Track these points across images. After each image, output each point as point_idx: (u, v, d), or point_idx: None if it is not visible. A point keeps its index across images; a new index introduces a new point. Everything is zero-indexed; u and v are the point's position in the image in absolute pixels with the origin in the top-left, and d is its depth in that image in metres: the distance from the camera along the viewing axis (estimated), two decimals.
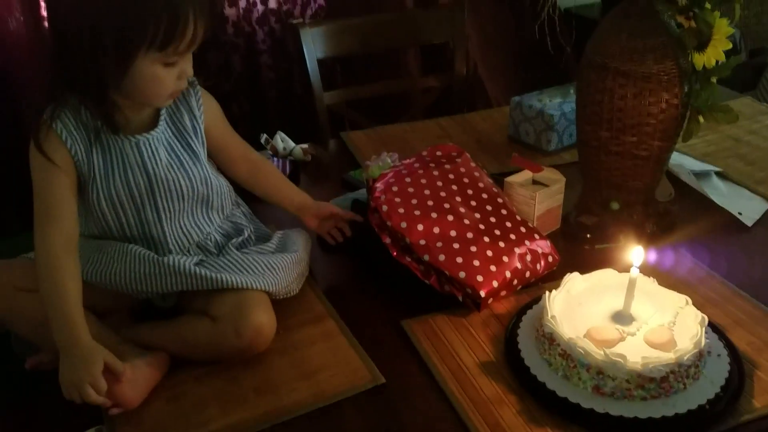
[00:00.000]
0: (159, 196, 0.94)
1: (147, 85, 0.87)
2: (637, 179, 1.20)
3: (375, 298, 1.07)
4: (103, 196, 0.91)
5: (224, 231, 1.02)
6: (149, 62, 0.85)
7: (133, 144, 0.92)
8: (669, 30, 1.11)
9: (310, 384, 0.89)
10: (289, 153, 1.48)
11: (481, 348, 0.95)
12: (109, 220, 0.93)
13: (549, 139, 1.47)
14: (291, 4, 2.05)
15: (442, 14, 1.83)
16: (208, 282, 0.91)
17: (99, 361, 0.81)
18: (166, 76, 0.88)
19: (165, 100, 0.93)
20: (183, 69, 0.89)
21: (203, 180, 0.97)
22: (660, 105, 1.12)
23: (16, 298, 0.88)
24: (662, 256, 1.12)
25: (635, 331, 0.88)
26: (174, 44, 0.84)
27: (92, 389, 0.80)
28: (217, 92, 2.05)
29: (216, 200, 1.00)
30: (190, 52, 0.89)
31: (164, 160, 0.94)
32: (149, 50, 0.84)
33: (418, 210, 1.05)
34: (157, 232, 0.95)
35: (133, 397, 0.84)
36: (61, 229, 0.87)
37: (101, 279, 0.92)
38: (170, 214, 0.96)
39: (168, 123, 0.96)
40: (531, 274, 1.06)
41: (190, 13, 0.84)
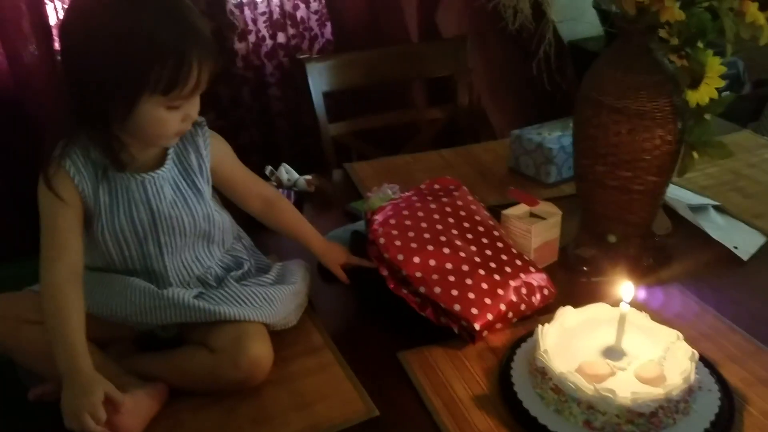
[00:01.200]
0: (162, 231, 0.97)
1: (151, 127, 0.90)
2: (634, 213, 1.22)
3: (372, 329, 1.09)
4: (107, 231, 0.94)
5: (225, 264, 1.05)
6: (153, 105, 0.88)
7: (139, 182, 0.95)
8: (663, 68, 1.13)
9: (305, 415, 0.90)
10: (294, 184, 1.51)
11: (476, 381, 0.96)
12: (112, 253, 0.96)
13: (548, 171, 1.49)
14: (299, 38, 2.10)
15: (445, 48, 1.87)
16: (207, 314, 0.94)
17: (99, 391, 0.83)
18: (170, 119, 0.90)
19: (169, 140, 0.95)
20: (187, 112, 0.91)
21: (206, 217, 1.00)
22: (654, 141, 1.14)
23: (21, 330, 0.91)
24: (657, 291, 1.13)
25: (626, 366, 0.89)
26: (177, 89, 0.86)
27: (91, 418, 0.81)
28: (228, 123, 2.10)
29: (217, 235, 1.03)
30: (194, 96, 0.91)
31: (168, 198, 0.97)
32: (153, 94, 0.86)
33: (415, 243, 1.07)
34: (159, 266, 0.98)
35: (132, 427, 0.86)
36: (66, 262, 0.89)
37: (103, 311, 0.94)
38: (172, 249, 0.98)
39: (175, 161, 0.99)
40: (527, 307, 1.07)
41: (194, 59, 0.86)
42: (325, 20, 2.11)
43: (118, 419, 0.84)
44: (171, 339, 1.00)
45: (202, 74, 0.88)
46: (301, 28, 2.10)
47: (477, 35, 2.13)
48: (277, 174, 1.51)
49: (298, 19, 2.09)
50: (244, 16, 2.02)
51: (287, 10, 2.06)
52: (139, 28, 0.84)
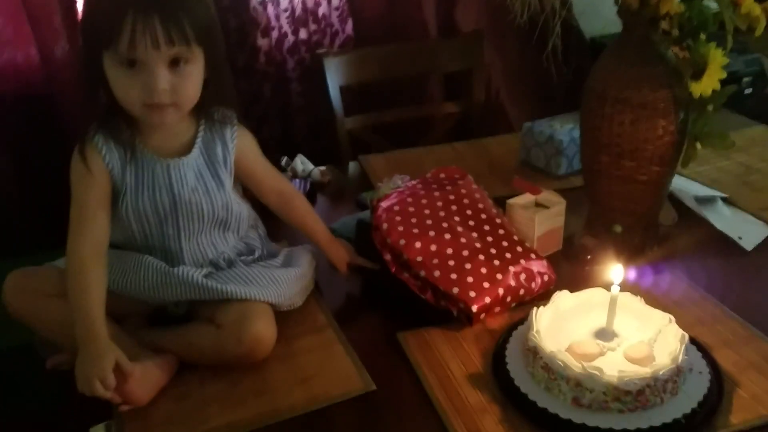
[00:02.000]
0: (181, 215, 1.01)
1: (115, 90, 0.93)
2: (638, 203, 1.23)
3: (375, 311, 1.12)
4: (131, 209, 0.99)
5: (237, 250, 1.09)
6: (111, 65, 0.91)
7: (164, 166, 0.99)
8: (665, 60, 1.15)
9: (305, 389, 0.94)
10: (308, 175, 1.55)
11: (471, 360, 0.99)
12: (134, 229, 1.01)
13: (558, 163, 1.51)
14: (320, 34, 2.14)
15: (461, 43, 1.90)
16: (214, 292, 0.98)
17: (110, 359, 0.88)
18: (128, 82, 0.91)
19: (142, 111, 0.94)
20: (145, 81, 0.91)
21: (224, 206, 1.04)
22: (656, 132, 1.15)
23: (41, 302, 0.97)
24: (658, 278, 1.15)
25: (616, 346, 0.91)
26: (114, 43, 0.88)
27: (101, 384, 0.87)
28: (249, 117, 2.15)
29: (233, 223, 1.07)
30: (142, 55, 0.89)
31: (190, 184, 1.01)
32: (107, 51, 0.90)
33: (417, 228, 1.10)
34: (175, 246, 1.03)
35: (141, 395, 0.91)
36: (92, 236, 0.95)
37: (119, 287, 1.00)
38: (189, 232, 1.03)
39: (201, 150, 1.03)
40: (525, 292, 1.09)
41: (129, 13, 0.87)
42: (346, 16, 2.15)
43: (127, 387, 0.89)
44: (182, 315, 1.05)
45: (138, 32, 0.87)
46: (323, 25, 2.14)
47: (496, 31, 2.15)
48: (292, 165, 1.56)
49: (319, 15, 2.13)
50: (267, 13, 2.06)
51: (309, 7, 2.11)
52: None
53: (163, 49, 0.90)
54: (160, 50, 0.89)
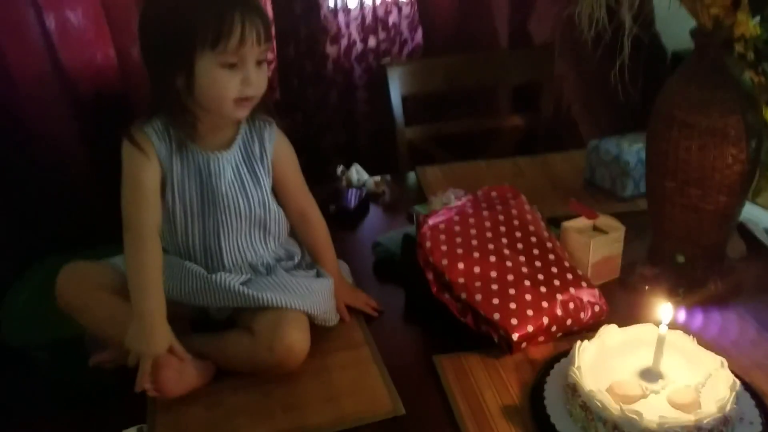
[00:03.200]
0: (220, 210, 1.04)
1: (211, 88, 0.96)
2: (703, 233, 1.16)
3: (413, 331, 1.11)
4: (178, 198, 1.02)
5: (277, 256, 1.10)
6: (208, 63, 0.94)
7: (205, 159, 1.03)
8: (738, 84, 1.07)
9: (334, 406, 0.93)
10: (363, 184, 1.55)
11: (508, 391, 0.95)
12: (178, 223, 1.04)
13: (624, 185, 1.44)
14: (389, 43, 2.13)
15: (531, 55, 1.85)
16: (250, 300, 0.99)
17: (165, 345, 0.93)
18: (228, 80, 0.96)
19: (231, 106, 0.99)
20: (246, 75, 0.97)
21: (261, 203, 1.06)
22: (725, 160, 1.08)
23: (93, 296, 1.00)
24: (715, 315, 1.08)
25: (660, 389, 0.85)
26: (223, 41, 0.93)
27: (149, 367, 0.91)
28: (314, 123, 2.17)
29: (273, 227, 1.08)
30: (245, 52, 0.95)
31: (228, 179, 1.04)
32: (204, 49, 0.93)
33: (461, 249, 1.07)
34: (215, 245, 1.05)
35: (173, 387, 0.93)
36: (149, 214, 0.99)
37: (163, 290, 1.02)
38: (228, 230, 1.05)
39: (240, 147, 1.06)
40: (573, 323, 1.05)
41: (237, 13, 0.93)
42: (416, 25, 2.13)
43: (164, 373, 0.92)
44: (223, 321, 1.06)
45: (246, 28, 0.93)
46: (392, 33, 2.13)
47: (571, 43, 2.08)
48: (347, 174, 1.56)
49: (389, 24, 2.12)
50: (338, 21, 2.07)
51: (379, 15, 2.10)
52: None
53: (261, 46, 0.97)
54: (259, 47, 0.96)
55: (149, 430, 0.91)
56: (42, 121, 1.87)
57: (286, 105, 2.10)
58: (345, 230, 1.44)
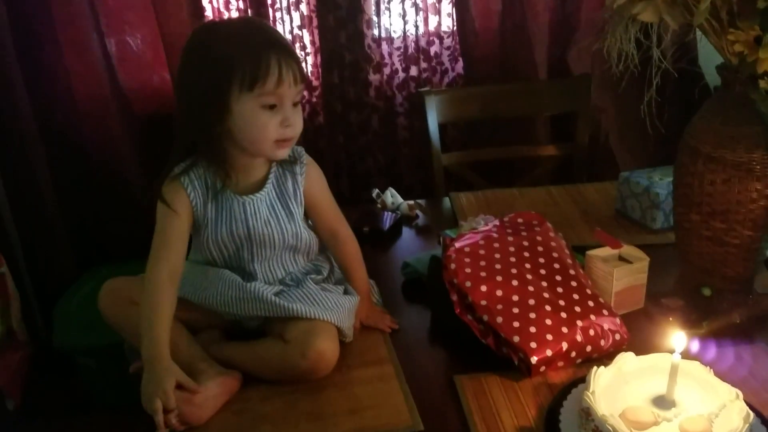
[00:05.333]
0: (255, 244, 1.10)
1: (250, 128, 1.01)
2: (728, 266, 1.17)
3: (436, 350, 1.14)
4: (211, 240, 1.08)
5: (306, 270, 1.15)
6: (246, 104, 1.00)
7: (240, 203, 1.08)
8: (763, 120, 1.09)
9: (355, 419, 0.97)
10: (397, 207, 1.59)
11: (525, 413, 0.97)
12: (214, 255, 1.10)
13: (654, 217, 1.45)
14: (431, 72, 2.20)
15: (568, 86, 1.88)
16: (282, 310, 1.05)
17: (171, 381, 0.95)
18: (268, 121, 1.01)
19: (272, 147, 1.04)
20: (285, 116, 1.02)
21: (294, 235, 1.11)
22: (750, 194, 1.10)
23: (130, 309, 1.06)
24: (739, 349, 1.08)
25: (672, 417, 0.87)
26: (260, 83, 0.98)
27: (160, 404, 0.93)
28: (355, 147, 2.24)
29: (303, 249, 1.14)
30: (283, 93, 1.00)
31: (263, 217, 1.09)
32: (241, 91, 0.99)
33: (485, 272, 1.11)
34: (249, 268, 1.11)
35: (199, 417, 0.97)
36: (169, 264, 1.04)
37: (198, 298, 1.08)
38: (262, 257, 1.11)
39: (273, 185, 1.11)
40: (593, 349, 1.06)
41: (273, 54, 0.99)
42: (458, 56, 2.19)
43: (188, 409, 0.95)
44: (254, 330, 1.12)
45: (284, 71, 0.99)
46: (434, 63, 2.19)
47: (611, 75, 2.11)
48: (382, 197, 1.61)
49: (431, 54, 2.19)
50: (381, 50, 2.15)
51: (421, 46, 2.17)
52: (226, 42, 1.00)
53: (298, 86, 1.03)
54: (296, 87, 1.02)
55: None
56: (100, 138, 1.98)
57: (329, 128, 2.18)
58: (377, 251, 1.48)
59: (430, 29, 2.16)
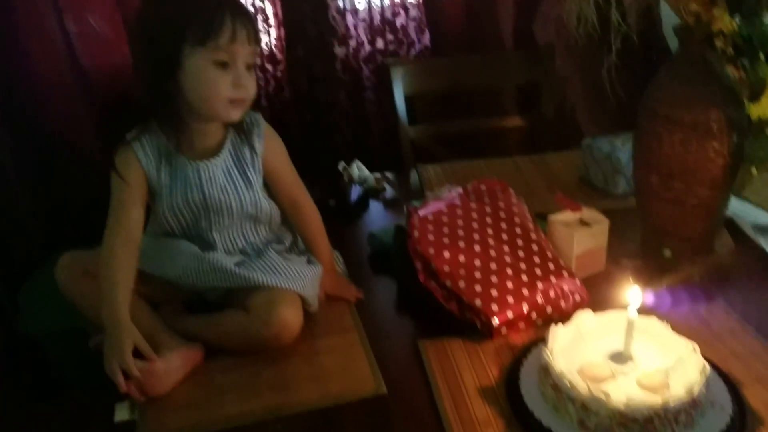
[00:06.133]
0: (212, 211, 1.08)
1: (201, 85, 1.00)
2: (688, 227, 1.19)
3: (402, 317, 1.15)
4: (167, 207, 1.07)
5: (267, 240, 1.14)
6: (198, 59, 0.98)
7: (194, 168, 1.07)
8: (720, 79, 1.10)
9: (319, 386, 0.97)
10: (364, 180, 1.59)
11: (486, 374, 0.98)
12: (171, 224, 1.09)
13: (616, 182, 1.47)
14: (397, 44, 2.18)
15: (531, 56, 1.88)
16: (243, 280, 1.04)
17: (129, 341, 0.95)
18: (219, 79, 0.99)
19: (224, 107, 1.02)
20: (238, 76, 1.00)
21: (253, 203, 1.10)
22: (707, 153, 1.11)
23: (86, 282, 1.05)
24: (701, 306, 1.10)
25: (629, 371, 0.88)
26: (213, 38, 0.97)
27: (117, 365, 0.93)
28: (323, 121, 2.22)
29: (264, 218, 1.13)
30: (236, 50, 0.99)
31: (219, 184, 1.07)
32: (194, 46, 0.97)
33: (447, 239, 1.11)
34: (208, 238, 1.10)
35: (160, 389, 0.96)
36: (125, 232, 1.03)
37: (157, 271, 1.07)
38: (221, 226, 1.09)
39: (230, 152, 1.09)
40: (554, 311, 1.08)
41: (227, 12, 0.97)
42: (424, 27, 2.17)
43: (148, 381, 0.95)
44: (217, 302, 1.11)
45: (237, 27, 0.97)
46: (400, 35, 2.17)
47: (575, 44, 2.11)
48: (349, 170, 1.60)
49: (397, 26, 2.16)
50: (346, 22, 2.12)
51: (387, 17, 2.15)
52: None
53: (252, 46, 1.01)
54: (250, 46, 1.01)
55: (140, 405, 0.95)
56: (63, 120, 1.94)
57: (296, 103, 2.16)
58: (344, 224, 1.48)
59: (395, 0, 2.14)
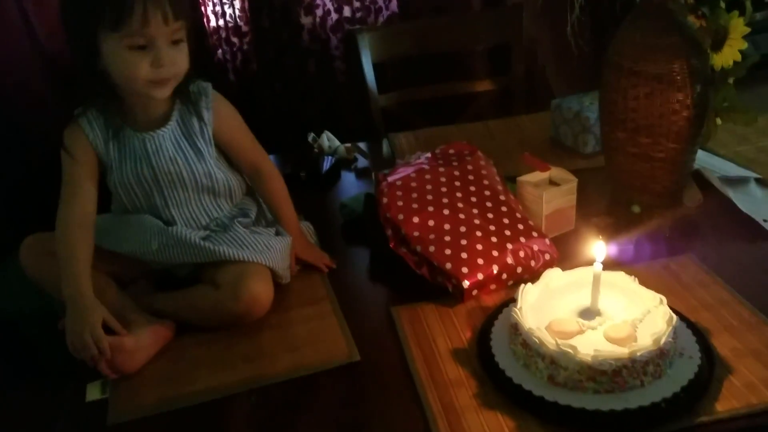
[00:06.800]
0: (163, 185, 1.06)
1: (120, 69, 0.97)
2: (656, 182, 1.19)
3: (375, 285, 1.15)
4: (117, 182, 1.05)
5: (232, 215, 1.13)
6: (113, 45, 0.96)
7: (141, 140, 1.05)
8: (682, 29, 1.09)
9: (293, 356, 0.97)
10: (334, 151, 1.58)
11: (458, 336, 0.99)
12: (125, 201, 1.08)
13: (585, 141, 1.47)
14: (365, 12, 2.15)
15: (500, 16, 1.86)
16: (210, 254, 1.03)
17: (98, 315, 0.94)
18: (138, 61, 0.96)
19: (146, 87, 0.99)
20: (157, 56, 0.97)
21: (207, 175, 1.08)
22: (672, 106, 1.11)
23: (51, 262, 1.03)
24: (670, 260, 1.10)
25: (597, 325, 0.89)
26: (124, 24, 0.94)
27: (90, 337, 0.92)
28: (294, 95, 2.19)
29: (223, 191, 1.11)
30: (151, 33, 0.95)
31: (168, 155, 1.05)
32: (107, 33, 0.95)
33: (417, 204, 1.11)
34: (166, 215, 1.08)
35: (131, 366, 0.96)
36: (78, 207, 1.02)
37: (121, 248, 1.06)
38: (176, 201, 1.08)
39: (178, 122, 1.07)
40: (524, 271, 1.08)
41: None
42: None
43: (118, 358, 0.94)
44: (186, 279, 1.10)
45: (150, 10, 0.94)
46: (367, 2, 2.14)
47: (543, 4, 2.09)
48: (319, 141, 1.59)
49: None
50: None
51: None
52: None
53: (170, 25, 0.97)
54: (167, 26, 0.96)
55: (112, 383, 0.94)
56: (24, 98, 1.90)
57: (264, 75, 2.13)
58: (316, 195, 1.47)
59: None
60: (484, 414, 0.85)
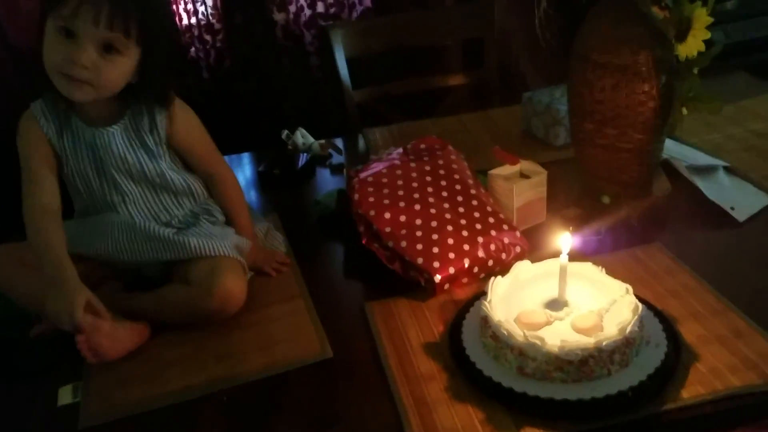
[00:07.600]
0: (118, 182, 1.06)
1: (45, 52, 0.96)
2: (624, 173, 1.20)
3: (348, 282, 1.15)
4: (74, 173, 1.05)
5: (195, 213, 1.12)
6: (50, 26, 0.95)
7: (90, 134, 1.04)
8: (647, 21, 1.10)
9: (265, 354, 0.97)
10: (309, 147, 1.58)
11: (430, 330, 0.99)
12: (83, 193, 1.07)
13: (557, 133, 1.48)
14: (338, 7, 2.15)
15: (473, 9, 1.86)
16: (180, 248, 1.03)
17: (82, 296, 0.94)
18: (57, 45, 0.94)
19: (59, 79, 0.96)
20: (75, 51, 0.94)
21: (159, 174, 1.07)
22: (638, 97, 1.12)
23: (20, 274, 1.02)
24: (638, 249, 1.12)
25: (564, 316, 0.90)
26: (58, 5, 0.92)
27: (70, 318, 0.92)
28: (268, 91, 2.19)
29: (180, 190, 1.10)
30: (78, 26, 0.93)
31: (117, 151, 1.04)
32: (47, 10, 0.94)
33: (388, 199, 1.11)
34: (124, 212, 1.07)
35: (111, 349, 0.96)
36: (41, 195, 1.01)
37: (90, 251, 1.05)
38: (134, 198, 1.07)
39: (130, 120, 1.06)
40: (495, 263, 1.09)
41: None
42: None
43: (98, 338, 0.94)
44: (157, 279, 1.09)
45: (84, 4, 0.92)
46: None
47: None
48: (293, 138, 1.58)
49: None
50: None
51: None
52: None
53: (100, 29, 0.94)
54: (97, 29, 0.94)
55: (84, 387, 0.94)
56: None
57: (239, 72, 2.12)
58: (291, 193, 1.47)
59: None
60: (455, 407, 0.85)
